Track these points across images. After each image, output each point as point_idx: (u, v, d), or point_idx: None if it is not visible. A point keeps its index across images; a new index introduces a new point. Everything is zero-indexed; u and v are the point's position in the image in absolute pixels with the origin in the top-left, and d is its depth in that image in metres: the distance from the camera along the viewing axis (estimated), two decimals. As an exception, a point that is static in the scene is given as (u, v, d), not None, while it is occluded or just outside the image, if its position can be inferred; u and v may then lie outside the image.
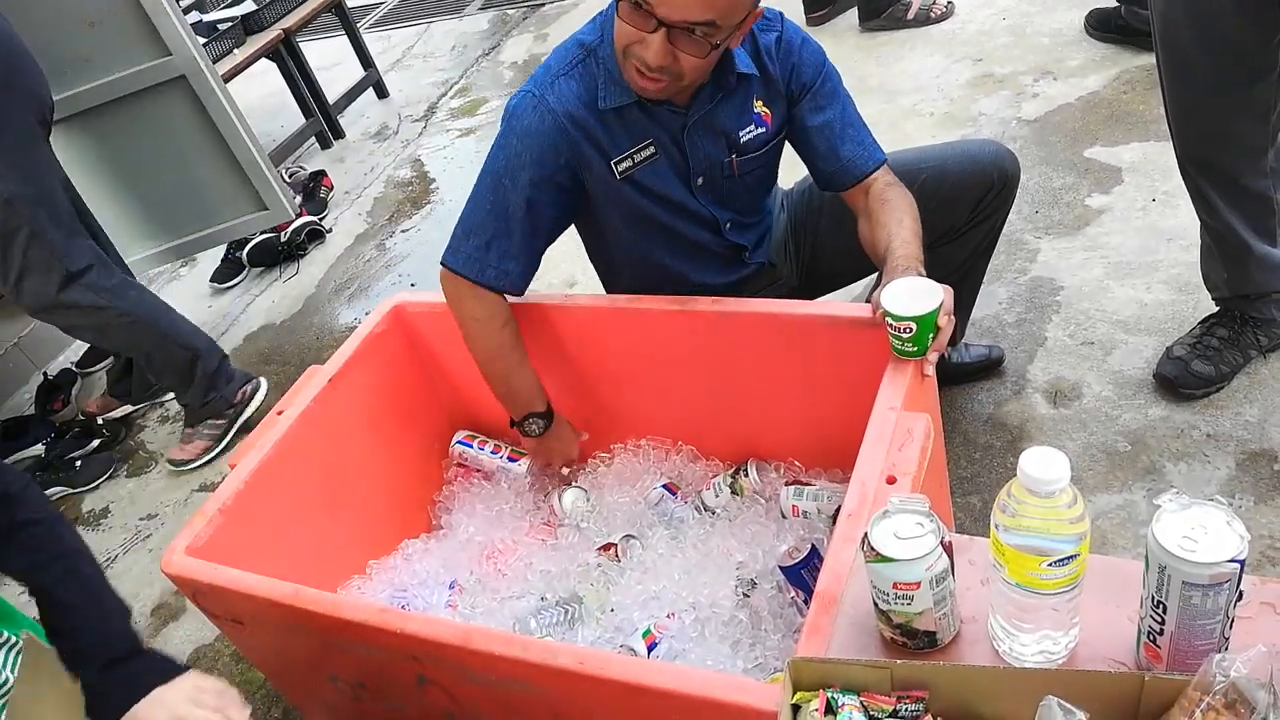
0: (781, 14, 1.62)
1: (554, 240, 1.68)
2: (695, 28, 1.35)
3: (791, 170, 1.77)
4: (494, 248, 1.60)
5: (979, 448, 1.97)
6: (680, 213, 1.68)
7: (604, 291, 1.93)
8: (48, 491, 2.75)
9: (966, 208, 1.76)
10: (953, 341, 2.03)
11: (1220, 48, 1.59)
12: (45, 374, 2.98)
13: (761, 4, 1.45)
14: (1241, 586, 0.86)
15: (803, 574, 1.47)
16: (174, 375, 2.56)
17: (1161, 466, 1.81)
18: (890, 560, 0.87)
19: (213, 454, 2.66)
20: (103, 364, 3.13)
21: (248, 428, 2.62)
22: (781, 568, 1.50)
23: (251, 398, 2.71)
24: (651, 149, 1.59)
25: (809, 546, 1.48)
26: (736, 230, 1.74)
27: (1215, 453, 1.80)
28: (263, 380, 2.76)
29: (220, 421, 2.66)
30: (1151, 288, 2.18)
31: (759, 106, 1.60)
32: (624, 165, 1.59)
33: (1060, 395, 2.01)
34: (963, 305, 1.99)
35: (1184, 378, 1.88)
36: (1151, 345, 2.03)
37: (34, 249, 2.24)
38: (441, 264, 1.65)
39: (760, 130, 1.62)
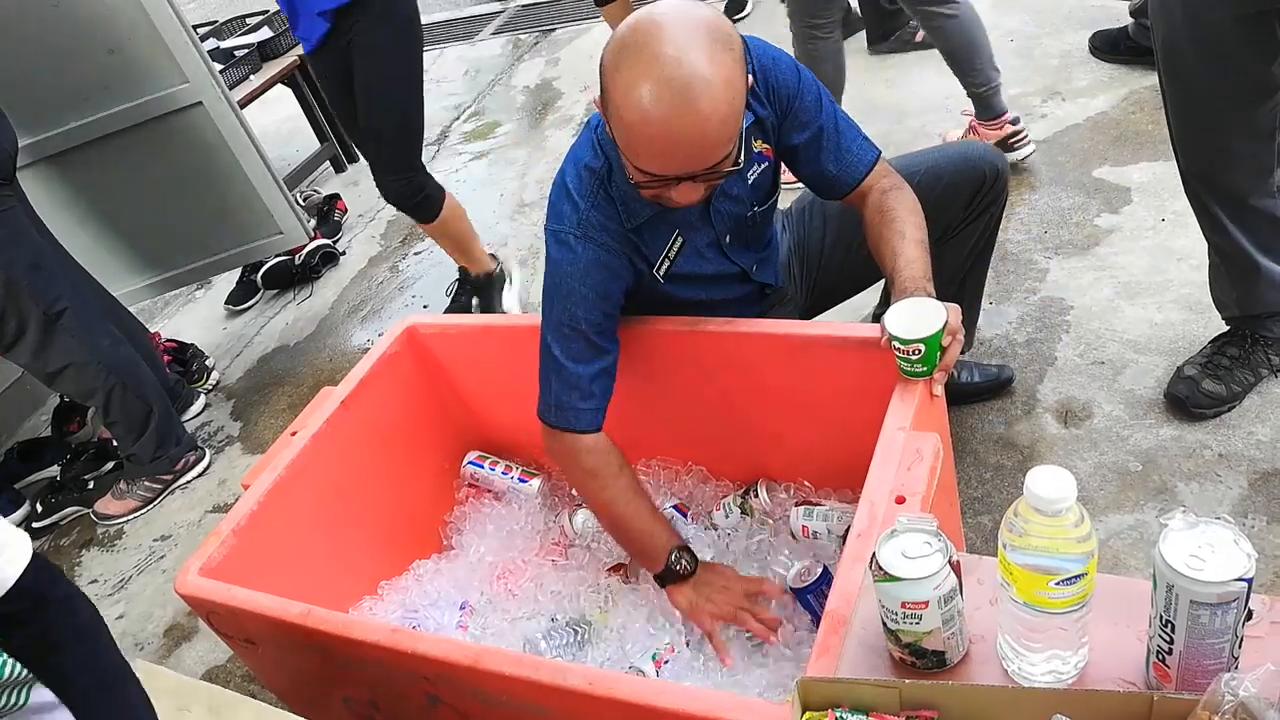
0: (745, 40, 1.48)
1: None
2: (718, 165, 1.32)
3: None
4: (593, 396, 1.55)
5: (990, 468, 1.96)
6: (719, 281, 1.66)
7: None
8: (62, 511, 2.77)
9: (961, 204, 1.77)
10: (961, 351, 2.03)
11: (1223, 70, 1.60)
12: (62, 397, 3.01)
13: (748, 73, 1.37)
14: (1251, 606, 0.87)
15: (810, 598, 1.47)
16: (127, 426, 2.58)
17: (1173, 486, 1.80)
18: (898, 579, 0.87)
19: (138, 514, 2.69)
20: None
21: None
22: (794, 589, 1.49)
23: (192, 467, 2.75)
24: (680, 239, 1.57)
25: (821, 568, 1.48)
26: (761, 269, 1.73)
27: (1227, 472, 1.79)
28: (207, 452, 2.81)
29: (156, 485, 2.70)
30: (1162, 307, 2.18)
31: (758, 145, 1.57)
32: (665, 267, 1.58)
33: (1071, 415, 2.01)
34: (966, 312, 1.99)
35: (1195, 397, 1.88)
36: (1162, 365, 2.03)
37: (12, 292, 2.26)
38: (553, 428, 1.58)
39: (765, 165, 1.61)
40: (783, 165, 1.64)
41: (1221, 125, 1.67)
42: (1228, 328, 1.94)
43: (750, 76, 1.35)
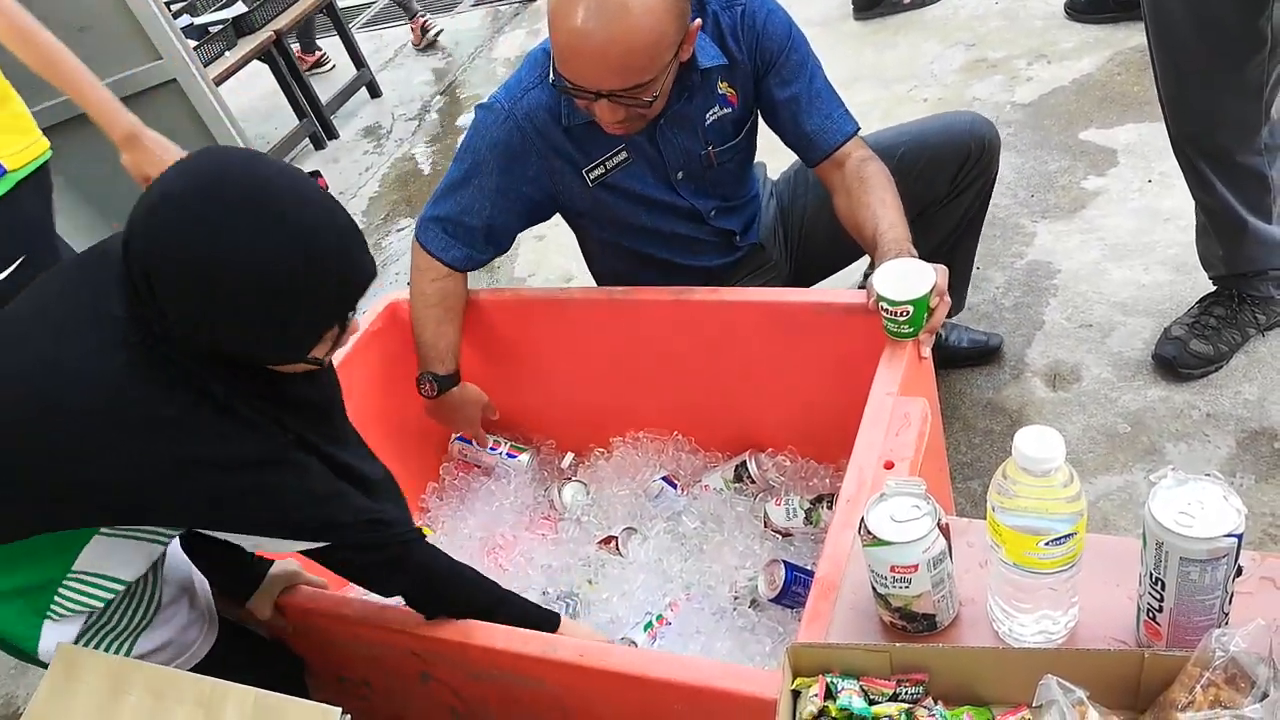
0: None
1: (516, 237, 1.74)
2: (626, 91, 1.37)
3: (777, 157, 1.76)
4: (458, 236, 1.66)
5: (979, 432, 1.96)
6: (662, 209, 1.68)
7: (595, 284, 1.93)
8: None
9: (946, 178, 1.77)
10: (951, 314, 2.03)
11: (1211, 24, 1.59)
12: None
13: (696, 20, 1.43)
14: (1241, 562, 0.86)
15: (790, 595, 1.46)
16: None
17: (1162, 447, 1.80)
18: (887, 543, 0.87)
19: None
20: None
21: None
22: (772, 600, 1.49)
23: None
24: (624, 154, 1.60)
25: (781, 567, 1.48)
26: (722, 216, 1.74)
27: (1215, 432, 1.80)
28: None
29: None
30: (1149, 269, 2.17)
31: (723, 88, 1.58)
32: (596, 172, 1.60)
33: (1059, 378, 2.01)
34: (957, 277, 1.98)
35: (1182, 357, 1.88)
36: (1150, 326, 2.03)
37: None
38: (415, 239, 1.72)
39: (726, 111, 1.61)
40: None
41: (1210, 82, 1.66)
42: (1214, 288, 1.94)
43: (698, 20, 1.44)
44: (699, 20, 1.44)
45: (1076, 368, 2.01)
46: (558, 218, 1.76)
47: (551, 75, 1.43)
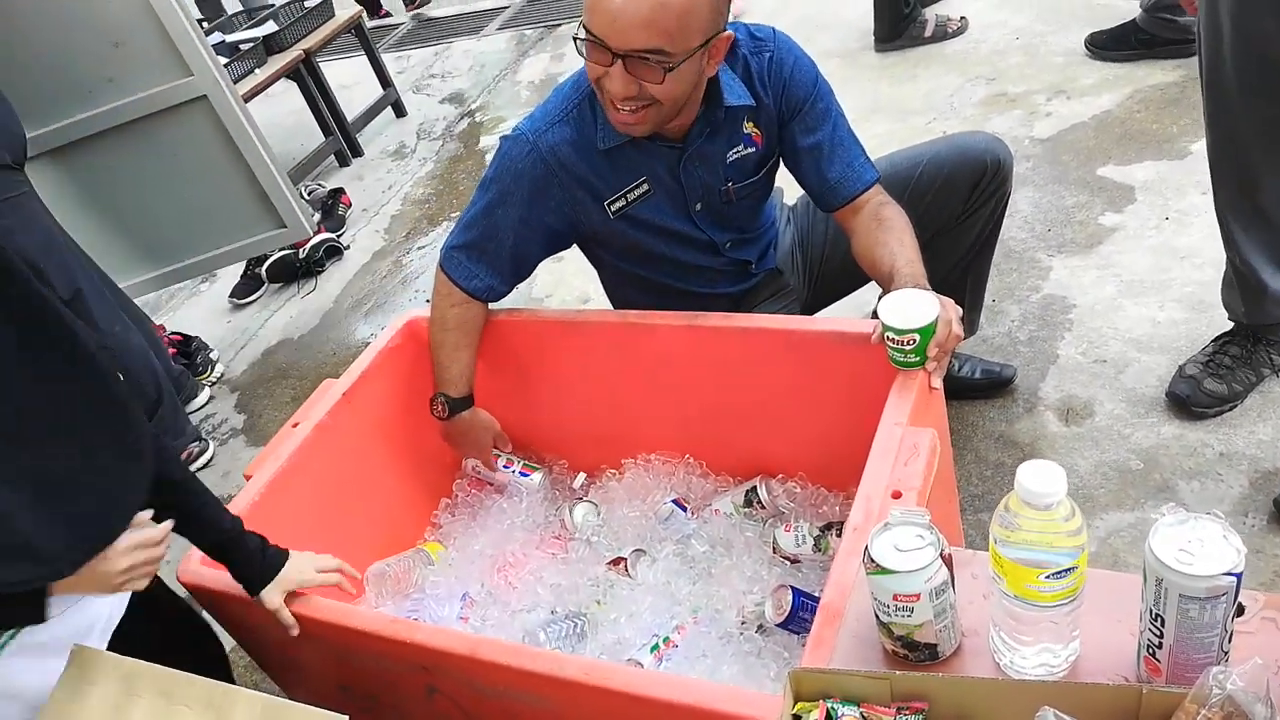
0: (774, 31, 1.62)
1: (537, 266, 1.78)
2: (647, 55, 1.38)
3: (793, 183, 1.78)
4: (482, 263, 1.70)
5: (990, 465, 1.97)
6: (679, 240, 1.71)
7: (611, 307, 1.96)
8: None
9: (962, 195, 1.79)
10: (964, 336, 2.04)
11: (1264, 92, 1.60)
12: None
13: (729, 29, 1.46)
14: (1244, 602, 0.87)
15: (797, 621, 1.47)
16: None
17: (1174, 485, 1.80)
18: (890, 572, 0.88)
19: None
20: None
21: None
22: (779, 625, 1.50)
23: (196, 459, 2.75)
24: (645, 185, 1.62)
25: (788, 592, 1.49)
26: (737, 248, 1.77)
27: (1228, 471, 1.79)
28: (211, 444, 2.81)
29: None
30: (1165, 306, 2.17)
31: (749, 127, 1.62)
32: (617, 205, 1.63)
33: (1072, 413, 2.01)
34: (970, 299, 2.00)
35: (1196, 396, 1.88)
36: (1164, 363, 2.03)
37: None
38: (439, 265, 1.76)
39: (750, 150, 1.64)
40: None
41: (1257, 147, 1.67)
42: (1230, 326, 1.94)
43: (730, 32, 1.46)
44: (731, 33, 1.47)
45: (1090, 403, 2.02)
46: None
47: (578, 32, 1.44)
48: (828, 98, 1.63)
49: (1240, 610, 0.87)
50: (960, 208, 1.80)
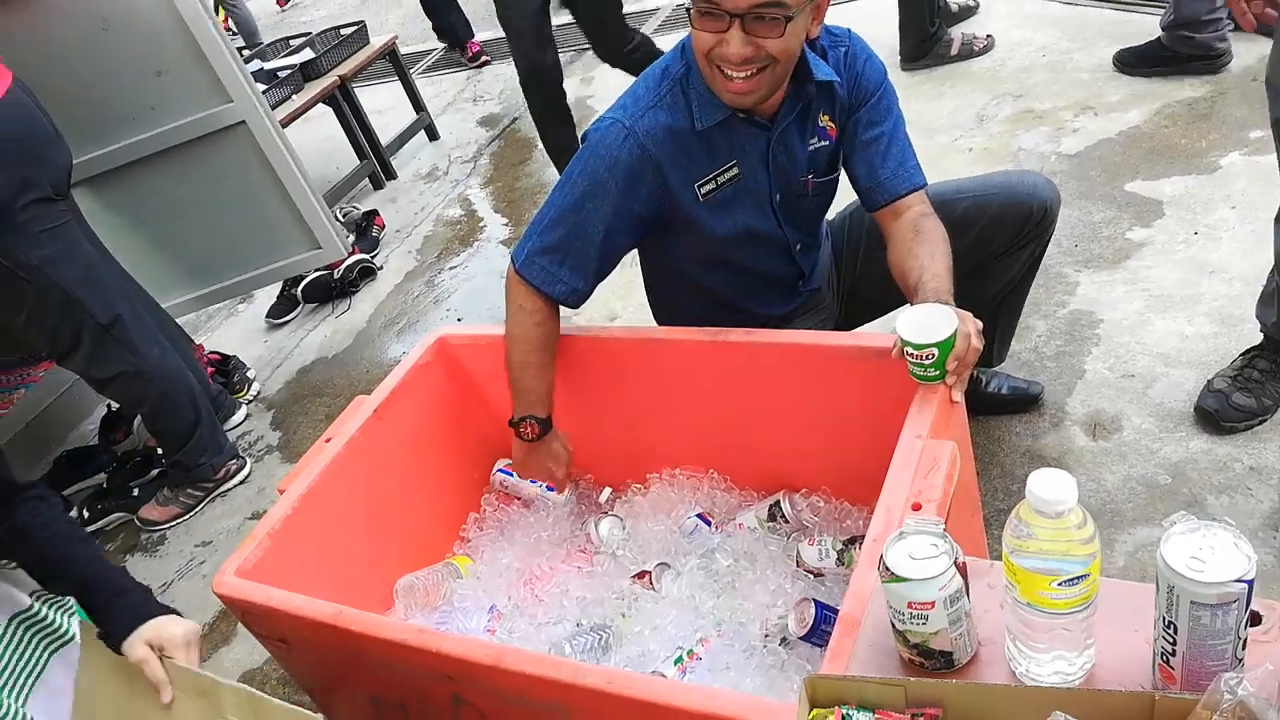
0: (849, 30, 1.66)
1: (622, 259, 1.73)
2: (764, 12, 1.39)
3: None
4: (567, 265, 1.64)
5: (1017, 480, 1.96)
6: (753, 240, 1.71)
7: (653, 323, 1.98)
8: (108, 517, 2.86)
9: (1005, 238, 1.79)
10: (986, 362, 2.04)
11: None
12: (109, 406, 3.10)
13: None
14: (1262, 612, 0.87)
15: (820, 634, 1.48)
16: (172, 435, 2.66)
17: (1203, 500, 1.79)
18: (905, 579, 0.89)
19: (180, 521, 2.77)
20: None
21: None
22: (802, 638, 1.51)
23: (234, 475, 2.82)
24: (736, 169, 1.62)
25: (811, 605, 1.49)
26: (803, 252, 1.78)
27: (1258, 485, 1.78)
28: (248, 461, 2.87)
29: (198, 492, 2.77)
30: (1193, 321, 2.16)
31: (824, 120, 1.64)
32: (708, 187, 1.63)
33: (1100, 428, 2.00)
34: (1002, 331, 2.00)
35: (1225, 410, 1.86)
36: (1193, 378, 2.02)
37: (66, 306, 2.34)
38: (516, 271, 1.68)
39: (825, 144, 1.66)
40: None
41: None
42: (1260, 340, 1.93)
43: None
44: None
45: (1117, 417, 2.01)
46: None
47: (686, 3, 1.45)
48: (892, 97, 1.66)
49: (1257, 619, 0.87)
50: (1001, 249, 1.80)
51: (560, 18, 3.41)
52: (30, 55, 2.48)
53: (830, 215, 1.95)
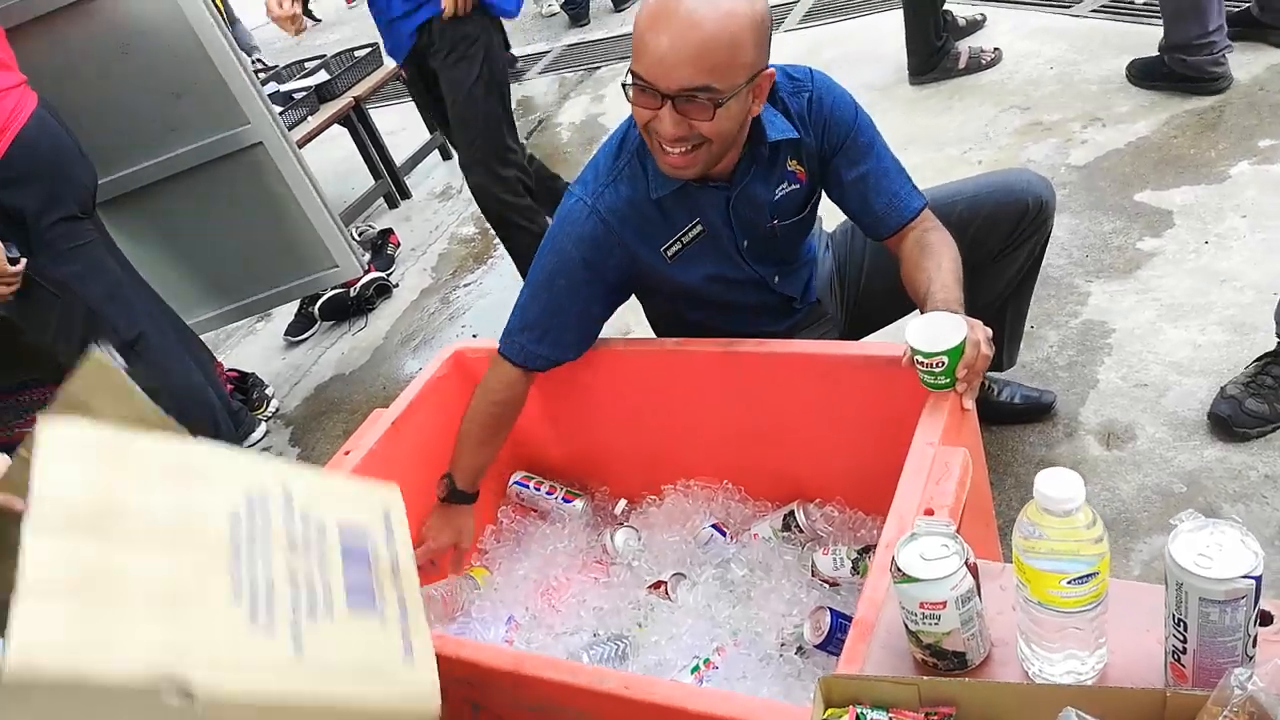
0: (811, 70, 1.64)
1: (603, 326, 1.79)
2: (696, 93, 1.39)
3: (832, 211, 1.83)
4: (546, 341, 1.72)
5: (1031, 489, 1.96)
6: (730, 285, 1.73)
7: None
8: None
9: (1001, 235, 1.80)
10: (996, 366, 2.05)
11: None
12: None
13: (770, 68, 1.47)
14: (1271, 610, 0.88)
15: (836, 642, 1.48)
16: None
17: (1219, 508, 1.79)
18: (916, 580, 0.90)
19: None
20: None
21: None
22: (818, 646, 1.51)
23: None
24: (700, 227, 1.65)
25: (827, 614, 1.50)
26: (785, 282, 1.79)
27: (1274, 493, 1.78)
28: None
29: None
30: (1205, 329, 2.17)
31: (792, 165, 1.64)
32: (674, 249, 1.66)
33: (1113, 437, 2.01)
34: (1009, 334, 2.01)
35: (1238, 416, 1.87)
36: (1206, 386, 2.02)
37: (91, 322, 2.39)
38: (499, 352, 1.77)
39: (794, 187, 1.66)
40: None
41: None
42: (1273, 347, 1.93)
43: (772, 70, 1.47)
44: (774, 70, 1.48)
45: (1131, 427, 2.01)
46: None
47: (625, 78, 1.46)
48: (869, 130, 1.65)
49: (1268, 619, 0.88)
50: (1000, 245, 1.81)
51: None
52: (53, 79, 2.53)
53: (830, 226, 1.97)
